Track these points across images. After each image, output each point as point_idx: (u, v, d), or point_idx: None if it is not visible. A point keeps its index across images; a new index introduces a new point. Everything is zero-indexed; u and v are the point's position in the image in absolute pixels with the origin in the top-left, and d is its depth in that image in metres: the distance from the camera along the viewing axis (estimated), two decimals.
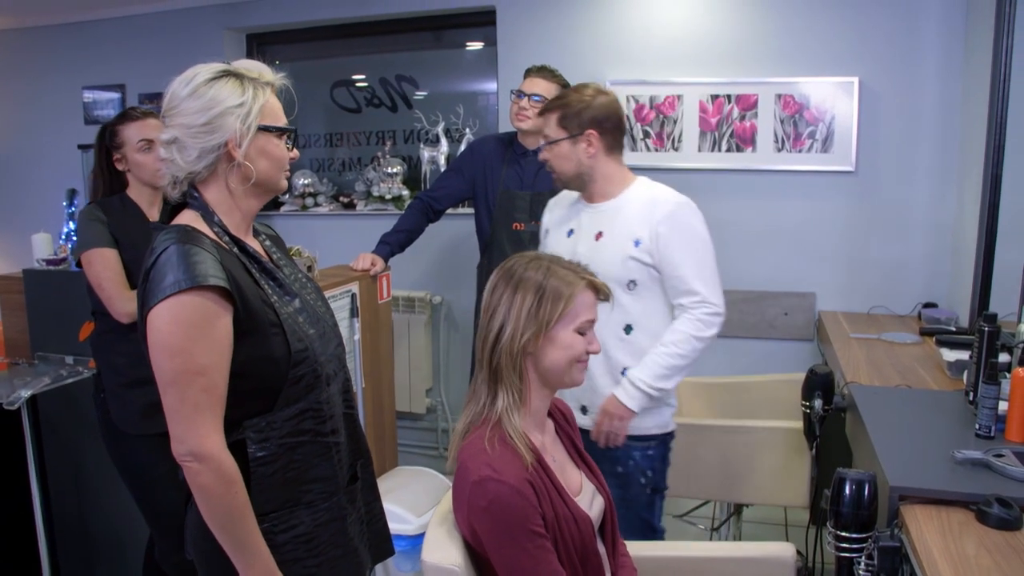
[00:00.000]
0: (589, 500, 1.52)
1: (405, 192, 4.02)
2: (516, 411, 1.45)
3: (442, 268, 3.96)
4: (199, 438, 1.26)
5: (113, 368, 2.26)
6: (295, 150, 1.46)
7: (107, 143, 2.29)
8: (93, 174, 2.33)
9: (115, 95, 4.56)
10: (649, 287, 2.10)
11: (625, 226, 2.11)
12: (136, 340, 2.20)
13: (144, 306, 1.28)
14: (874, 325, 3.11)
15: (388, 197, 4.02)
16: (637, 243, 2.08)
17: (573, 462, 1.57)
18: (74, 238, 4.07)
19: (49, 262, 2.90)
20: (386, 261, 2.93)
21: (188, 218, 1.39)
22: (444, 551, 1.39)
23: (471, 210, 3.20)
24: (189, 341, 1.25)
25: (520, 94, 2.86)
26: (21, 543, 2.78)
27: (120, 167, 2.30)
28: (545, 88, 2.85)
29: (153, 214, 2.33)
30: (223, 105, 1.33)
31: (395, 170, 4.03)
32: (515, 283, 1.47)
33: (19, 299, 2.98)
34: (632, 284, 2.10)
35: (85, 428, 2.75)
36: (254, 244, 1.46)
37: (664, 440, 2.20)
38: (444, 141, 3.99)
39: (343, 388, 1.52)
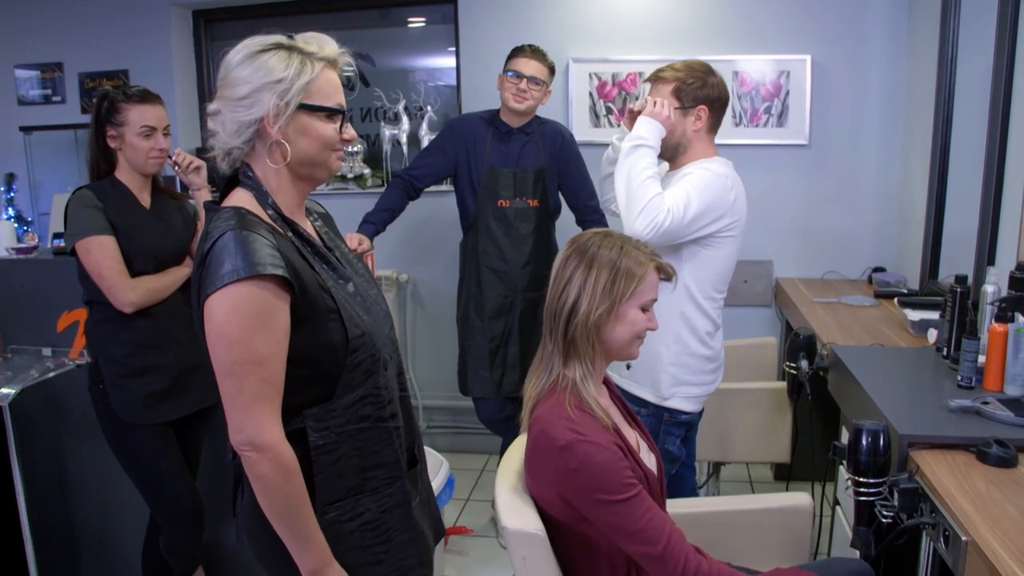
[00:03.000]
0: (647, 457, 1.60)
1: (367, 171, 4.02)
2: (590, 379, 1.51)
3: (409, 246, 3.97)
4: (257, 428, 1.25)
5: (113, 358, 2.22)
6: (349, 130, 1.39)
7: (103, 118, 2.18)
8: (90, 149, 2.23)
9: (50, 74, 4.35)
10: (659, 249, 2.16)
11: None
12: (138, 328, 2.21)
13: (200, 293, 1.26)
14: (830, 290, 3.30)
15: (349, 176, 4.00)
16: None
17: (627, 422, 1.65)
18: (15, 225, 3.94)
19: (18, 251, 2.79)
20: (371, 240, 2.95)
21: (242, 199, 1.35)
22: (524, 516, 1.43)
23: (441, 187, 3.24)
24: (247, 331, 1.22)
25: (518, 75, 2.90)
26: (6, 541, 2.71)
27: (113, 145, 2.20)
28: (540, 70, 2.91)
29: (144, 198, 2.28)
30: (263, 79, 1.29)
31: (355, 149, 4.01)
32: (590, 259, 1.52)
33: None
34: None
35: (68, 422, 2.68)
36: (307, 226, 1.43)
37: (658, 413, 2.24)
38: (405, 119, 3.99)
39: (397, 371, 1.50)
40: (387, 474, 1.41)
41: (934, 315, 2.49)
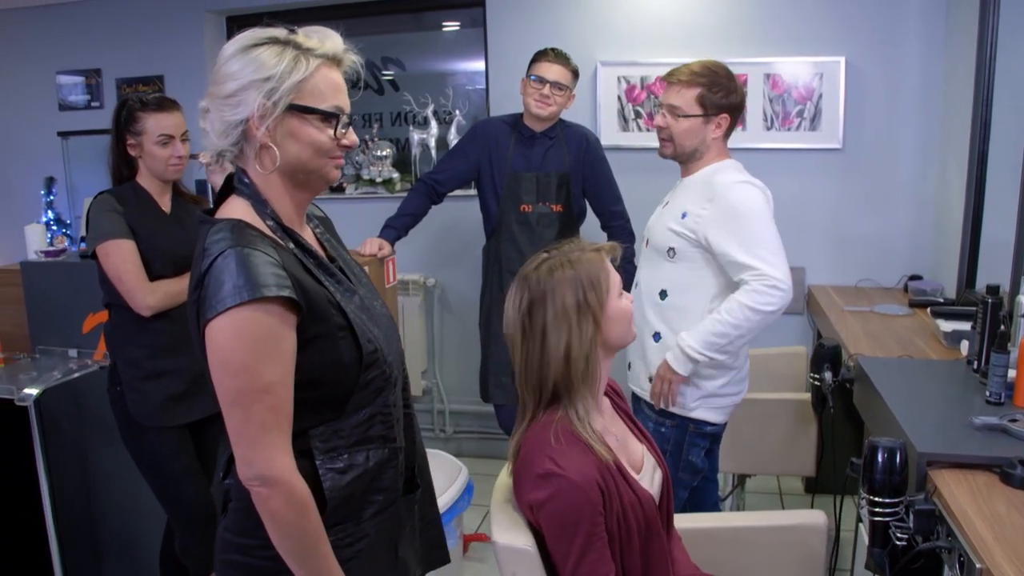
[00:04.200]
0: (651, 475, 1.55)
1: (395, 175, 4.02)
2: (584, 407, 1.44)
3: (437, 250, 3.97)
4: (267, 461, 1.15)
5: (131, 361, 2.25)
6: (350, 136, 1.27)
7: (123, 126, 2.22)
8: (112, 155, 2.27)
9: (91, 80, 4.45)
10: (688, 258, 2.14)
11: (683, 199, 2.19)
12: (155, 332, 2.22)
13: (200, 317, 1.15)
14: (864, 298, 3.21)
15: (378, 180, 4.01)
16: (684, 215, 2.14)
17: (634, 436, 1.60)
18: (54, 227, 4.03)
19: (47, 253, 2.85)
20: (392, 245, 2.94)
21: (238, 208, 1.25)
22: (514, 533, 1.40)
23: (468, 192, 3.22)
24: (253, 357, 1.13)
25: (541, 80, 2.86)
26: (31, 540, 2.76)
27: (133, 152, 2.24)
28: (564, 75, 2.87)
29: (164, 203, 2.31)
30: (251, 76, 1.18)
31: (384, 153, 4.02)
32: (549, 295, 1.43)
33: (14, 292, 2.93)
34: (671, 252, 2.17)
35: (92, 422, 2.72)
36: (308, 234, 1.34)
37: (683, 424, 2.20)
38: (434, 123, 3.99)
39: (404, 385, 1.40)
40: (387, 498, 1.32)
41: (968, 326, 2.40)
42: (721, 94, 2.14)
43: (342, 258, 1.40)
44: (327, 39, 1.26)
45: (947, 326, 2.50)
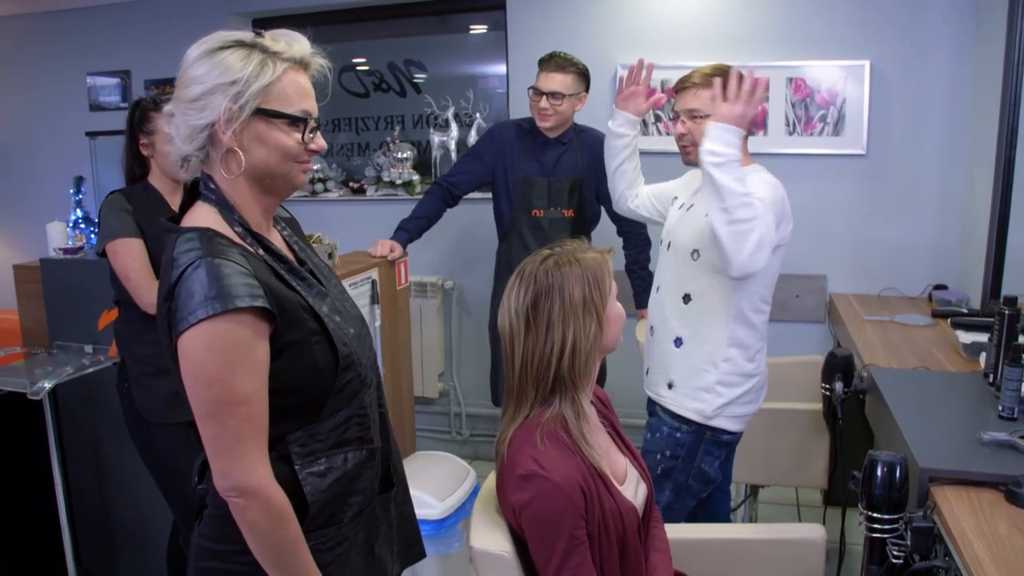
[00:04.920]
0: (634, 487, 1.52)
1: (415, 177, 4.03)
2: (573, 408, 1.43)
3: (454, 253, 3.97)
4: (244, 472, 1.15)
5: (138, 357, 2.27)
6: (318, 141, 1.26)
7: (136, 126, 2.25)
8: (125, 154, 2.30)
9: (120, 81, 4.54)
10: (713, 258, 2.02)
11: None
12: None
13: (172, 329, 1.14)
14: (886, 307, 3.14)
15: (398, 182, 4.02)
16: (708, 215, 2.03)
17: (617, 447, 1.58)
18: (82, 225, 4.10)
19: (66, 251, 2.89)
20: (404, 247, 2.94)
21: (205, 215, 1.23)
22: (492, 537, 1.39)
23: (485, 195, 3.21)
24: (227, 369, 1.12)
25: (538, 92, 2.84)
26: (45, 533, 2.81)
27: (145, 152, 2.27)
28: (562, 82, 2.83)
29: (175, 203, 2.33)
30: (217, 80, 1.16)
31: (405, 155, 4.03)
32: (555, 289, 1.42)
33: (35, 288, 2.98)
34: (696, 254, 2.08)
35: (106, 417, 2.76)
36: (276, 239, 1.32)
37: (700, 431, 2.14)
38: (454, 126, 3.99)
39: (376, 384, 1.40)
40: (364, 499, 1.33)
41: (987, 338, 2.33)
42: None
43: (311, 260, 1.39)
44: (294, 42, 1.24)
45: (967, 337, 2.43)
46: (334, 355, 1.25)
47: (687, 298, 2.11)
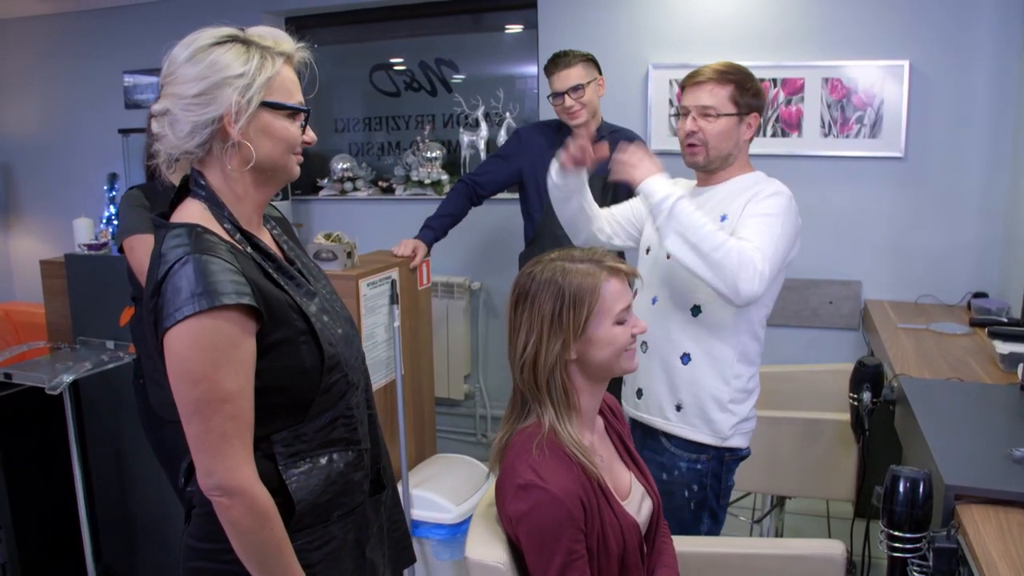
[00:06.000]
0: (638, 503, 1.47)
1: (444, 177, 4.01)
2: (567, 419, 1.39)
3: (481, 254, 3.94)
4: (228, 471, 1.14)
5: (151, 354, 2.26)
6: (309, 133, 1.28)
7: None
8: (146, 151, 2.28)
9: (155, 79, 4.58)
10: None
11: (718, 205, 1.97)
12: None
13: (158, 325, 1.14)
14: (922, 315, 3.03)
15: (427, 182, 4.00)
16: (723, 218, 1.93)
17: (622, 461, 1.52)
18: (115, 222, 4.15)
19: (90, 247, 2.92)
20: (430, 246, 2.91)
21: (195, 212, 1.22)
22: (488, 547, 1.35)
23: (513, 195, 3.17)
24: (212, 366, 1.12)
25: (558, 94, 2.80)
26: (64, 526, 2.83)
27: None
28: (575, 75, 2.78)
29: None
30: (221, 74, 1.17)
31: (434, 154, 4.01)
32: (532, 296, 1.39)
33: (61, 284, 3.02)
34: None
35: (126, 412, 2.78)
36: (265, 237, 1.32)
37: (719, 455, 2.01)
38: (484, 125, 3.96)
39: (365, 386, 1.39)
40: (352, 501, 1.32)
41: None
42: (752, 92, 2.00)
43: (300, 260, 1.39)
44: (280, 38, 1.26)
45: (1004, 348, 2.33)
46: (320, 355, 1.24)
47: (696, 310, 1.96)
